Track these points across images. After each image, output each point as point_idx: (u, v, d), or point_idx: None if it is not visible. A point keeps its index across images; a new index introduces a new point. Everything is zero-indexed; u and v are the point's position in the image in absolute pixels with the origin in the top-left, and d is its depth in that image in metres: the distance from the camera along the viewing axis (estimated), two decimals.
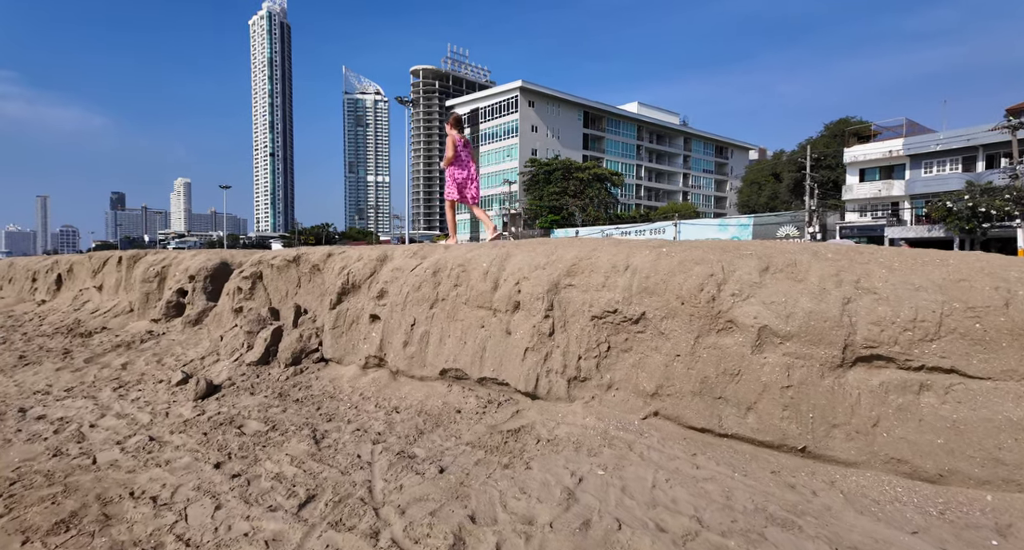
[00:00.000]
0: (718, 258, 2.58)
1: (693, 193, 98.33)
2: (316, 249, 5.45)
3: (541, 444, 2.66)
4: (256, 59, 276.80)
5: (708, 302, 2.44)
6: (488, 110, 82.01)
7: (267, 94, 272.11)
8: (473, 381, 3.65)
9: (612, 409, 2.80)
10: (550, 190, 66.41)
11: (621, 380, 2.85)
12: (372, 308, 4.56)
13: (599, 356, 2.96)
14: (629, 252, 2.99)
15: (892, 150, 37.27)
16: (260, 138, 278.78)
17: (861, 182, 40.28)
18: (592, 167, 67.78)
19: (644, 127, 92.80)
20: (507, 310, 3.49)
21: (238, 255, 7.85)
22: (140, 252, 8.42)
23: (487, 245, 4.16)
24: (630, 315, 2.79)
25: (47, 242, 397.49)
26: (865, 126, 42.30)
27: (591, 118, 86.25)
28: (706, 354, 2.42)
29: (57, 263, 10.68)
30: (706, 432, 2.41)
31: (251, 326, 5.17)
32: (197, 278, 7.21)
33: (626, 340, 2.85)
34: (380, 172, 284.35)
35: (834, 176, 45.02)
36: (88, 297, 9.20)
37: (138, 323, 7.51)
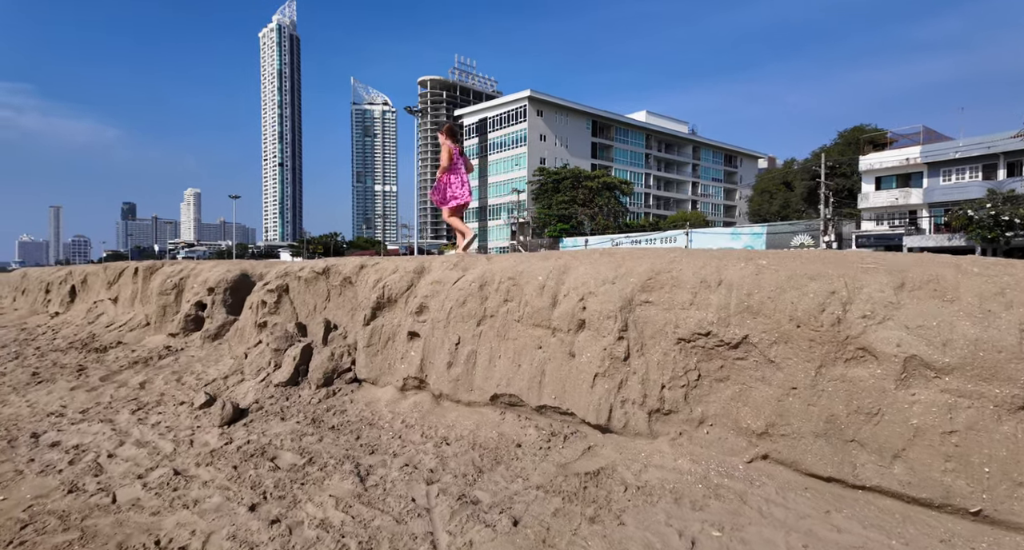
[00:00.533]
0: (837, 272, 2.22)
1: (702, 202, 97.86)
2: (347, 260, 5.14)
3: (630, 492, 2.29)
4: (266, 71, 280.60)
5: (832, 325, 2.08)
6: (497, 119, 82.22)
7: (276, 105, 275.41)
8: (530, 409, 3.29)
9: (707, 449, 2.43)
10: (559, 199, 66.20)
11: (716, 415, 2.49)
12: (410, 324, 4.22)
13: (687, 386, 2.59)
14: (719, 265, 2.63)
15: (909, 158, 36.72)
16: (269, 148, 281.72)
17: (877, 190, 39.69)
18: (601, 176, 67.61)
19: (653, 136, 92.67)
20: (569, 329, 3.14)
21: (258, 266, 7.56)
22: (157, 263, 8.16)
23: (539, 256, 3.82)
24: (728, 339, 2.43)
25: (59, 252, 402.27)
26: (881, 134, 41.78)
27: (599, 127, 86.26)
28: (832, 388, 2.06)
29: (71, 274, 10.46)
30: (834, 482, 2.04)
31: (278, 343, 4.84)
32: (216, 290, 6.92)
33: (721, 368, 2.49)
34: (387, 182, 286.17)
35: (849, 184, 44.45)
36: (103, 310, 8.94)
37: (154, 337, 7.22)
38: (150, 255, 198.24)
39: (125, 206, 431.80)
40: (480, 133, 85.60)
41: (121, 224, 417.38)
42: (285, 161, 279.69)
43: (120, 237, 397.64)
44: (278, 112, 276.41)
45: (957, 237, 32.93)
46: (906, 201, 37.57)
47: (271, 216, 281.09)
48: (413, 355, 4.16)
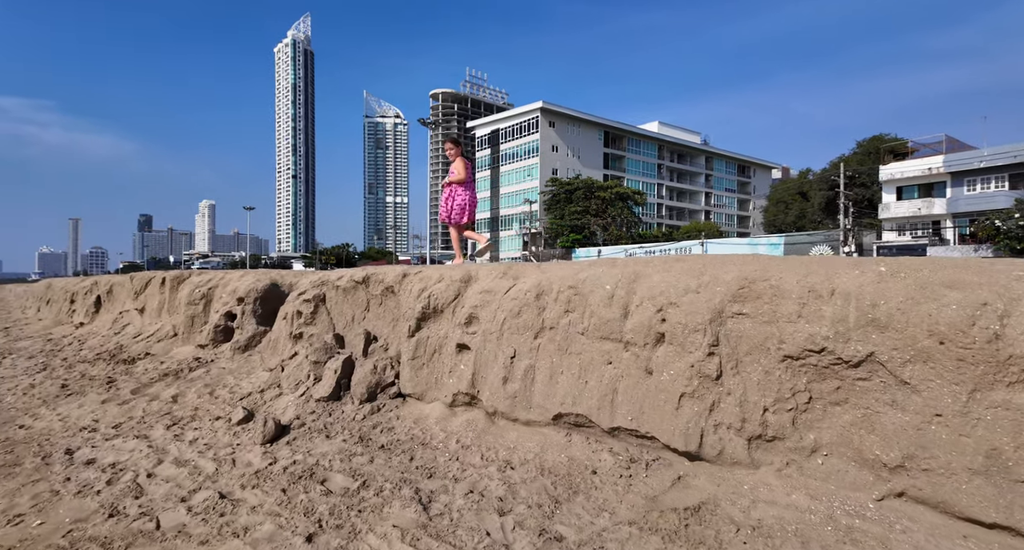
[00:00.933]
0: (980, 280, 1.96)
1: (715, 212, 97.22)
2: (387, 269, 4.94)
3: (744, 533, 2.02)
4: (280, 85, 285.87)
5: (988, 342, 1.82)
6: (509, 131, 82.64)
7: (290, 118, 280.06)
8: (601, 431, 3.03)
9: (825, 483, 2.16)
10: (571, 209, 66.07)
11: (832, 443, 2.22)
12: (459, 336, 4.00)
13: (795, 409, 2.33)
14: (827, 272, 2.38)
15: (932, 167, 36.09)
16: (283, 161, 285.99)
17: (899, 200, 39.02)
18: (614, 186, 67.46)
19: (665, 146, 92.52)
20: (645, 344, 2.89)
21: (287, 276, 7.41)
22: (184, 273, 8.05)
23: (604, 263, 3.59)
24: (847, 356, 2.17)
25: (77, 263, 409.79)
26: (901, 143, 41.20)
27: (611, 138, 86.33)
28: (991, 416, 1.80)
29: (96, 284, 10.41)
30: (1002, 530, 1.76)
31: (317, 355, 4.64)
32: (246, 300, 6.77)
33: (838, 389, 2.23)
34: (399, 193, 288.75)
35: (868, 194, 43.79)
36: (128, 320, 8.85)
37: (183, 348, 7.07)
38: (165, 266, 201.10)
39: (142, 218, 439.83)
40: (492, 144, 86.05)
41: (138, 236, 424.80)
42: (298, 173, 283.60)
43: (137, 248, 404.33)
44: (292, 125, 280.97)
45: (984, 248, 32.14)
46: (929, 211, 36.86)
47: (284, 227, 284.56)
48: (463, 369, 3.93)
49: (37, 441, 4.41)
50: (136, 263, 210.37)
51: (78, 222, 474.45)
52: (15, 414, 5.32)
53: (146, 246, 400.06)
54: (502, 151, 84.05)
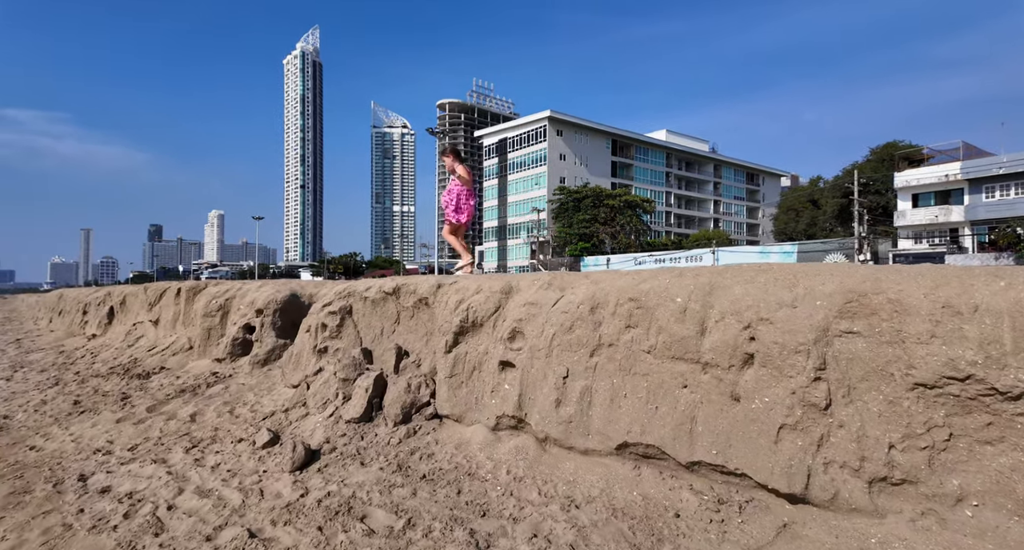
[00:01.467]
0: None
1: (724, 220, 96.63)
2: (420, 279, 4.64)
3: None
4: (289, 96, 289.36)
5: None
6: (516, 140, 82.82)
7: (299, 129, 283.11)
8: (676, 464, 2.69)
9: (980, 541, 1.81)
10: (580, 217, 65.81)
11: (985, 491, 1.87)
12: (501, 353, 3.68)
13: (931, 447, 1.99)
14: (963, 285, 2.04)
15: (949, 174, 35.53)
16: (291, 171, 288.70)
17: (915, 207, 38.43)
18: (623, 194, 67.18)
19: (673, 154, 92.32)
20: (730, 366, 2.56)
21: (307, 286, 7.13)
22: (200, 283, 7.79)
23: (667, 273, 3.27)
24: (1004, 387, 1.83)
25: (88, 273, 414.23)
26: (916, 150, 40.68)
27: (619, 146, 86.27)
28: None
29: (109, 295, 10.20)
30: None
31: (346, 372, 4.33)
32: (266, 312, 6.49)
33: (990, 426, 1.89)
34: (406, 202, 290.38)
35: (883, 202, 43.21)
36: (142, 332, 8.60)
37: (199, 362, 6.79)
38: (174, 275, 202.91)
39: (152, 228, 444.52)
40: (500, 153, 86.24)
41: (148, 245, 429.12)
42: (306, 183, 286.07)
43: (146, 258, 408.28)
44: (300, 136, 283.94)
45: (1005, 256, 31.48)
46: (947, 218, 36.24)
47: (292, 237, 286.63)
48: (507, 389, 3.61)
49: (49, 465, 4.12)
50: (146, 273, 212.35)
51: (89, 232, 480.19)
52: (26, 433, 5.04)
53: (156, 256, 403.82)
54: (509, 160, 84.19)
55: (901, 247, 39.44)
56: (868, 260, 37.57)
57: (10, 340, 11.84)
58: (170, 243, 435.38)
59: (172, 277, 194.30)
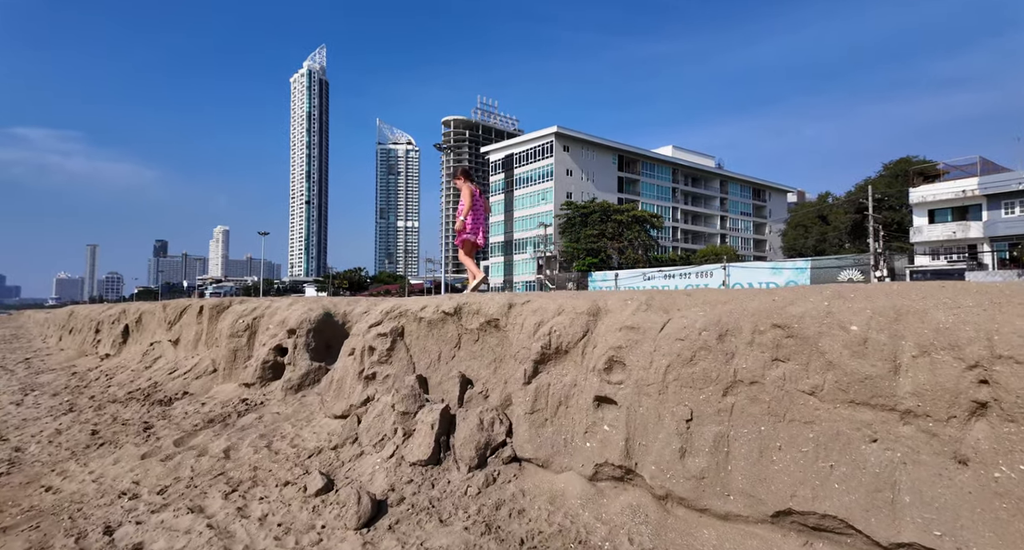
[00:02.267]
0: None
1: (731, 236, 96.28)
2: (485, 298, 4.14)
3: None
4: (296, 113, 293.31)
5: None
6: (523, 155, 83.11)
7: (305, 145, 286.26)
8: (871, 544, 2.15)
9: None
10: (587, 233, 65.52)
11: None
12: (596, 386, 3.17)
13: None
14: None
15: (967, 189, 35.10)
16: (297, 187, 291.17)
17: (931, 223, 37.92)
18: (631, 209, 67.00)
19: (679, 170, 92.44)
20: (949, 417, 2.05)
21: (340, 305, 6.66)
22: (224, 301, 7.33)
23: (827, 292, 2.77)
24: None
25: (93, 288, 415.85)
26: (931, 165, 40.34)
27: (626, 161, 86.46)
28: None
29: (124, 313, 9.73)
30: None
31: (406, 403, 3.82)
32: (298, 332, 6.00)
33: None
34: (410, 218, 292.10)
35: (898, 217, 42.73)
36: (160, 352, 8.11)
37: (225, 387, 6.29)
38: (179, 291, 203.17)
39: (157, 244, 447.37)
40: (506, 169, 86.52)
41: (153, 261, 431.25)
42: (312, 199, 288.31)
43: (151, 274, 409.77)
44: (306, 152, 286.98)
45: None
46: (965, 235, 35.69)
47: (296, 252, 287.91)
48: (608, 431, 3.09)
49: (68, 511, 3.60)
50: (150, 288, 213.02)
51: (95, 248, 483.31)
52: (40, 470, 4.53)
53: (161, 271, 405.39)
54: (516, 175, 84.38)
55: (918, 263, 38.83)
56: (885, 277, 36.98)
57: (19, 359, 11.36)
58: (175, 259, 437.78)
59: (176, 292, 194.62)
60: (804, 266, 46.08)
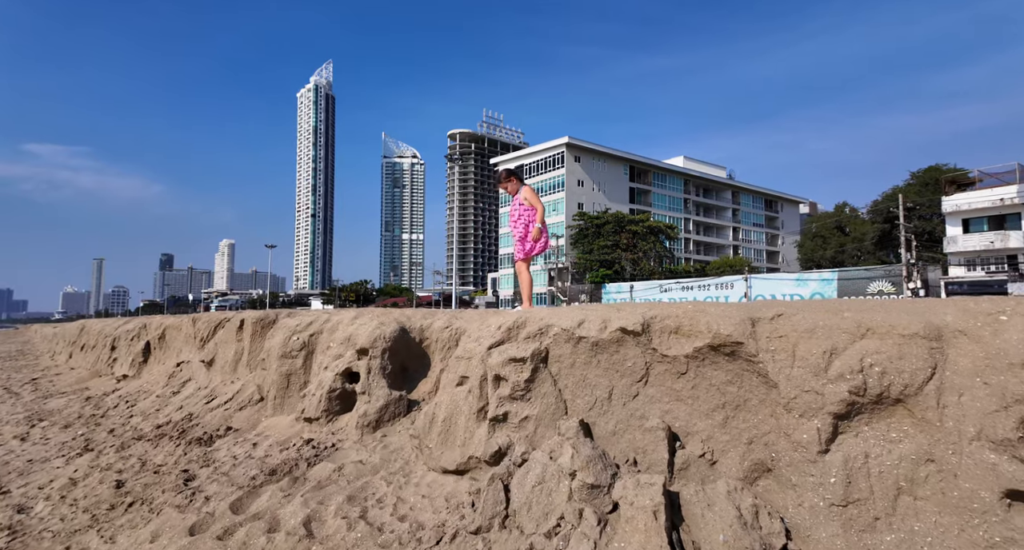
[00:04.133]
0: None
1: (744, 247, 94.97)
2: (698, 311, 2.91)
3: None
4: (302, 128, 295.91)
5: None
6: (533, 166, 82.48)
7: (311, 159, 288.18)
8: None
9: None
10: (601, 244, 64.40)
11: None
12: (994, 466, 1.93)
13: None
14: None
15: (1005, 197, 33.80)
16: (303, 200, 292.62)
17: (966, 233, 36.55)
18: (646, 220, 65.91)
19: (691, 181, 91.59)
20: None
21: (415, 318, 5.45)
22: (270, 313, 6.12)
23: None
24: None
25: (100, 302, 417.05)
26: (962, 173, 39.09)
27: (637, 172, 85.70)
28: None
29: (145, 328, 8.55)
30: None
31: (594, 471, 2.58)
32: (372, 353, 4.79)
33: None
34: (415, 230, 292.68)
35: (929, 227, 41.41)
36: (188, 374, 6.91)
37: (278, 420, 5.06)
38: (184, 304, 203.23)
39: (163, 257, 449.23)
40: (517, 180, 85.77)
41: (159, 274, 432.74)
42: (317, 212, 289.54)
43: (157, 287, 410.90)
44: (312, 166, 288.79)
45: None
46: (1004, 245, 34.30)
47: (302, 265, 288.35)
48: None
49: None
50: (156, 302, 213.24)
51: (102, 262, 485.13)
52: (50, 547, 3.30)
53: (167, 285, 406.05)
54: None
55: (952, 275, 37.42)
56: (920, 288, 35.54)
57: (25, 380, 10.16)
58: (181, 272, 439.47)
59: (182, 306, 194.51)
60: (831, 277, 44.57)
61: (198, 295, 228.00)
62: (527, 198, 5.39)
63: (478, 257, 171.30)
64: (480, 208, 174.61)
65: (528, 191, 5.43)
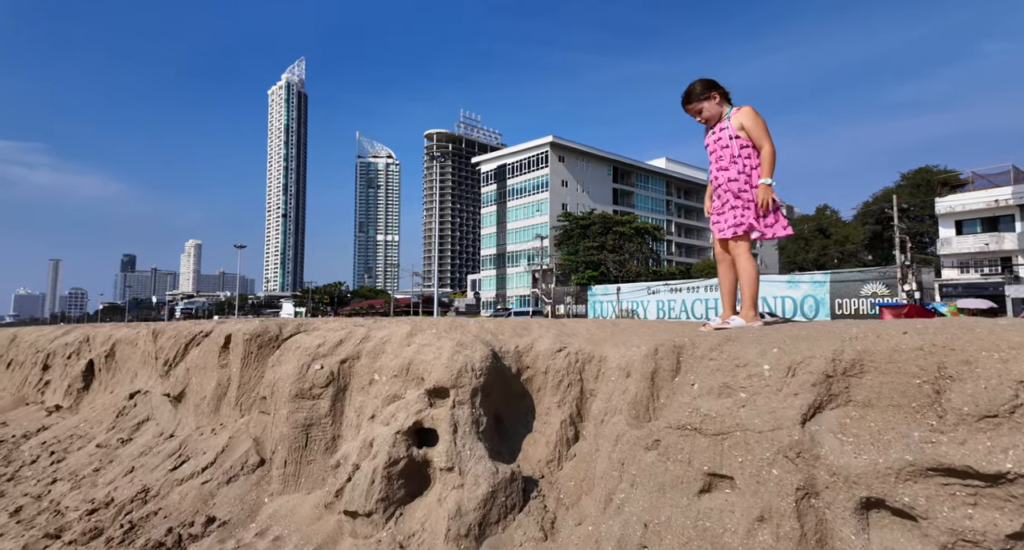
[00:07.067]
0: None
1: None
2: None
3: None
4: (273, 126, 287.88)
5: None
6: (516, 166, 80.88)
7: (282, 158, 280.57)
8: None
9: None
10: (587, 245, 63.11)
11: None
12: None
13: None
14: None
15: (999, 199, 33.68)
16: (274, 200, 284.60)
17: (959, 235, 36.42)
18: (633, 221, 64.93)
19: (673, 182, 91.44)
20: None
21: (503, 333, 3.56)
22: (270, 327, 4.11)
23: None
24: None
25: (55, 305, 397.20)
26: (954, 175, 39.11)
27: (620, 173, 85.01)
28: None
29: (87, 342, 6.38)
30: None
31: None
32: (457, 395, 2.90)
33: None
34: (390, 232, 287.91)
35: (921, 229, 41.33)
36: (146, 412, 4.84)
37: (292, 503, 3.09)
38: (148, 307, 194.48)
39: (125, 258, 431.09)
40: (499, 179, 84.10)
41: (120, 276, 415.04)
42: (288, 212, 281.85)
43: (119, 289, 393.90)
44: (284, 165, 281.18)
45: None
46: (998, 246, 34.18)
47: (272, 267, 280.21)
48: None
49: None
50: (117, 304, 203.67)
51: (58, 263, 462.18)
52: None
53: (128, 287, 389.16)
54: (509, 186, 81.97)
55: (946, 277, 37.23)
56: (915, 291, 35.10)
57: None
58: (144, 273, 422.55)
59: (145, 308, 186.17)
60: (823, 279, 43.89)
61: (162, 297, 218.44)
62: (745, 125, 2.89)
63: (456, 259, 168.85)
64: (457, 209, 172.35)
65: (748, 114, 2.91)
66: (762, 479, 1.54)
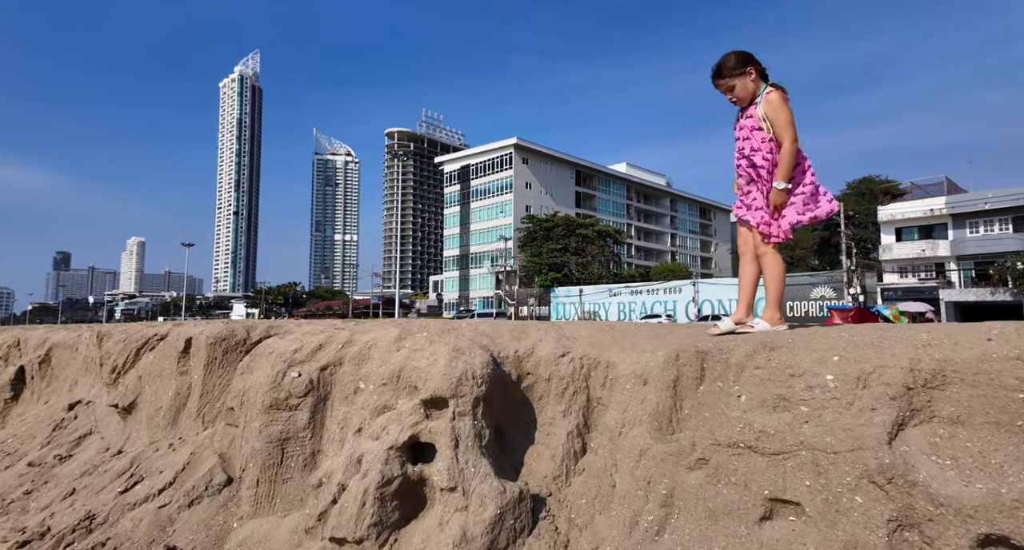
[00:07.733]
0: None
1: (680, 253, 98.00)
2: None
3: None
4: (225, 120, 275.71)
5: None
6: (480, 167, 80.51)
7: (234, 153, 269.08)
8: None
9: None
10: (550, 247, 63.45)
11: None
12: None
13: None
14: None
15: (934, 208, 36.00)
16: (224, 197, 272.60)
17: (899, 241, 38.72)
18: (595, 224, 65.73)
19: (633, 187, 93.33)
20: None
21: (501, 337, 3.34)
22: (237, 329, 3.71)
23: None
24: None
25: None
26: (894, 185, 41.53)
27: (583, 177, 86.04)
28: None
29: (19, 346, 5.69)
30: None
31: None
32: (457, 406, 2.67)
33: None
34: (348, 231, 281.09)
35: (864, 235, 43.66)
36: (88, 425, 4.32)
37: (266, 529, 2.75)
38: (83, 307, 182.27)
39: (58, 255, 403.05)
40: (462, 180, 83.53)
41: (52, 274, 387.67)
42: (240, 210, 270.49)
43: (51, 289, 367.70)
44: (236, 160, 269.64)
45: (1001, 291, 31.56)
46: (933, 253, 36.52)
47: (222, 266, 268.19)
48: None
49: None
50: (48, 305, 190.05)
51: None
52: None
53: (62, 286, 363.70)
54: (472, 187, 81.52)
55: (887, 281, 39.46)
56: (860, 294, 36.96)
57: None
58: (80, 272, 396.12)
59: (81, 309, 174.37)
60: None
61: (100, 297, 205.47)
62: (768, 115, 2.59)
63: (417, 259, 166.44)
64: (419, 209, 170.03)
65: (772, 102, 2.59)
66: (842, 508, 1.37)
